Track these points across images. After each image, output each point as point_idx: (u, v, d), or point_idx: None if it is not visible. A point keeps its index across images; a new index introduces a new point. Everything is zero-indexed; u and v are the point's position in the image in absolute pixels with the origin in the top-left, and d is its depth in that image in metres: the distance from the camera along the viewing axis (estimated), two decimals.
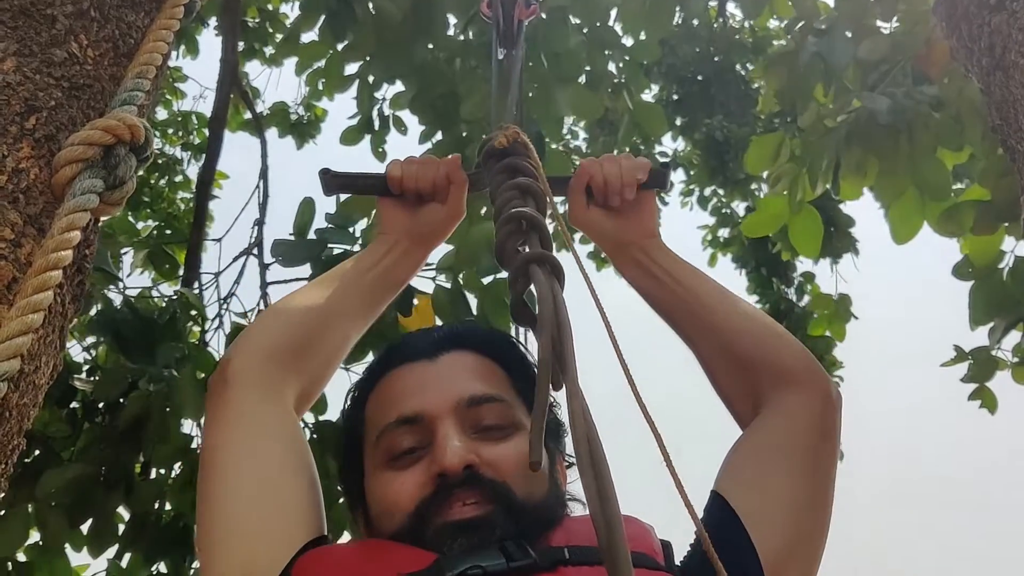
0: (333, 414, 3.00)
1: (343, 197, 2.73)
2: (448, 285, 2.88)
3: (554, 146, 5.67)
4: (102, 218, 1.33)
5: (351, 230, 2.78)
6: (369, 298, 1.39)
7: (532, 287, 0.94)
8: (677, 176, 8.22)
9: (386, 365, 1.24)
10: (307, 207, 2.76)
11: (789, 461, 1.20)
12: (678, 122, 8.05)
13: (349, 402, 1.29)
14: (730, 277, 8.51)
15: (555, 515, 1.12)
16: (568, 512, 1.17)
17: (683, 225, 8.81)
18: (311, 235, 2.74)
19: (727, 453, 1.27)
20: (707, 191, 8.46)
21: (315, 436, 2.96)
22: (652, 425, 0.81)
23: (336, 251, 2.72)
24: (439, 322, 2.91)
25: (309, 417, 3.00)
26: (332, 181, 1.50)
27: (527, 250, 1.01)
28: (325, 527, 1.20)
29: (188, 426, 3.03)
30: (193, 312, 3.12)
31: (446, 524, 1.05)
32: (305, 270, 2.73)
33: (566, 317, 0.84)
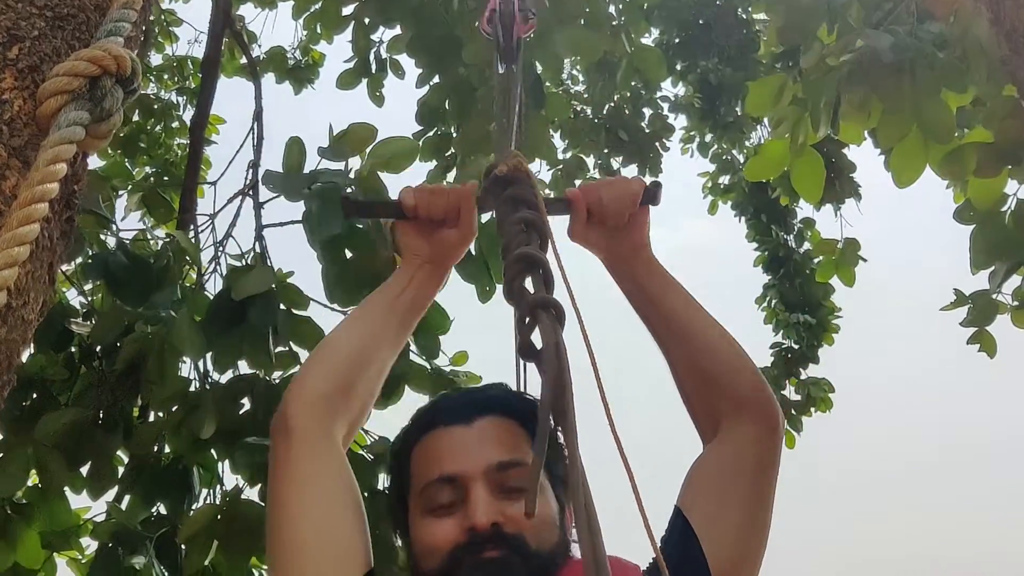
0: None
1: (336, 132, 2.73)
2: None
3: (554, 90, 5.61)
4: (90, 152, 1.30)
5: (345, 164, 2.74)
6: (401, 326, 1.54)
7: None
8: (678, 122, 8.14)
9: (430, 424, 1.42)
10: (295, 146, 2.73)
11: (737, 487, 1.40)
12: (679, 67, 7.95)
13: (397, 447, 1.47)
14: (730, 224, 8.49)
15: (561, 559, 1.33)
16: (571, 554, 1.37)
17: (684, 172, 8.75)
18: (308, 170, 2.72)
19: (690, 467, 1.46)
20: (707, 137, 8.39)
21: None
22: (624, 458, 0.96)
23: (328, 185, 2.69)
24: None
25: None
26: (351, 207, 1.70)
27: (531, 290, 1.19)
28: (372, 560, 1.39)
29: (186, 369, 3.04)
30: (188, 258, 3.09)
31: (475, 564, 1.27)
32: (299, 211, 2.70)
33: (568, 374, 1.02)
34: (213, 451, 3.03)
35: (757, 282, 8.35)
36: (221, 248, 3.20)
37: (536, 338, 1.14)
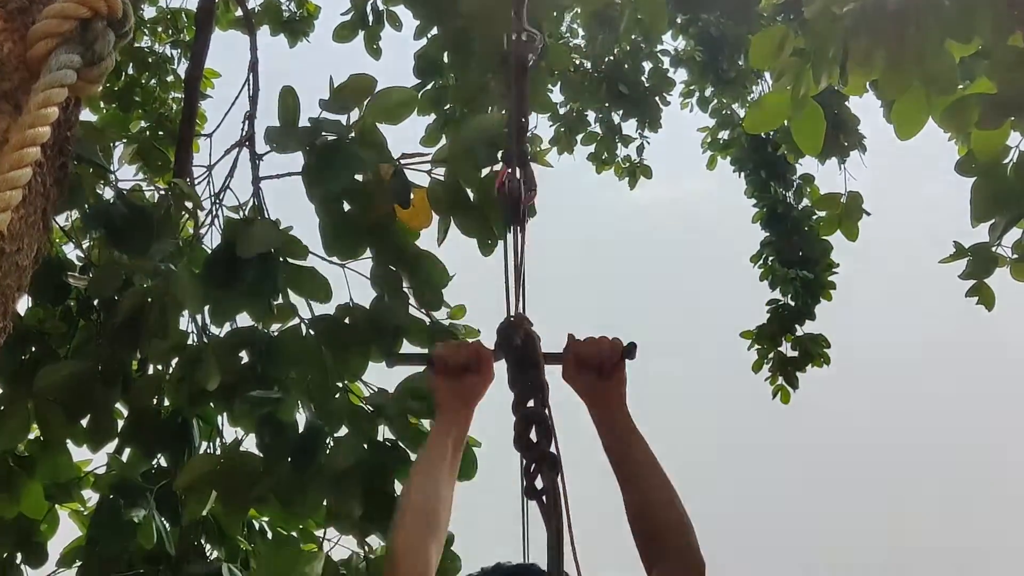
0: (329, 308, 3.01)
1: (336, 83, 2.71)
2: (444, 179, 2.85)
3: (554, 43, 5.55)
4: (82, 96, 1.28)
5: (347, 118, 2.72)
6: (452, 466, 1.88)
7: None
8: (678, 76, 8.06)
9: None
10: (288, 95, 2.70)
11: None
12: (679, 20, 7.85)
13: None
14: (729, 180, 8.43)
15: None
16: None
17: (683, 127, 8.66)
18: (305, 123, 2.70)
19: None
20: (707, 92, 8.31)
21: (311, 331, 2.96)
22: None
23: (330, 138, 2.67)
24: (436, 217, 2.89)
25: (305, 312, 3.01)
26: (394, 359, 2.43)
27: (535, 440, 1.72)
28: None
29: (183, 322, 3.03)
30: (188, 204, 3.07)
31: None
32: (297, 162, 2.69)
33: (563, 522, 1.55)
34: (212, 404, 3.04)
35: (755, 239, 8.33)
36: (218, 200, 3.18)
37: (538, 482, 1.64)
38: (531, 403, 1.80)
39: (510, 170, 2.11)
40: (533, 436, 1.73)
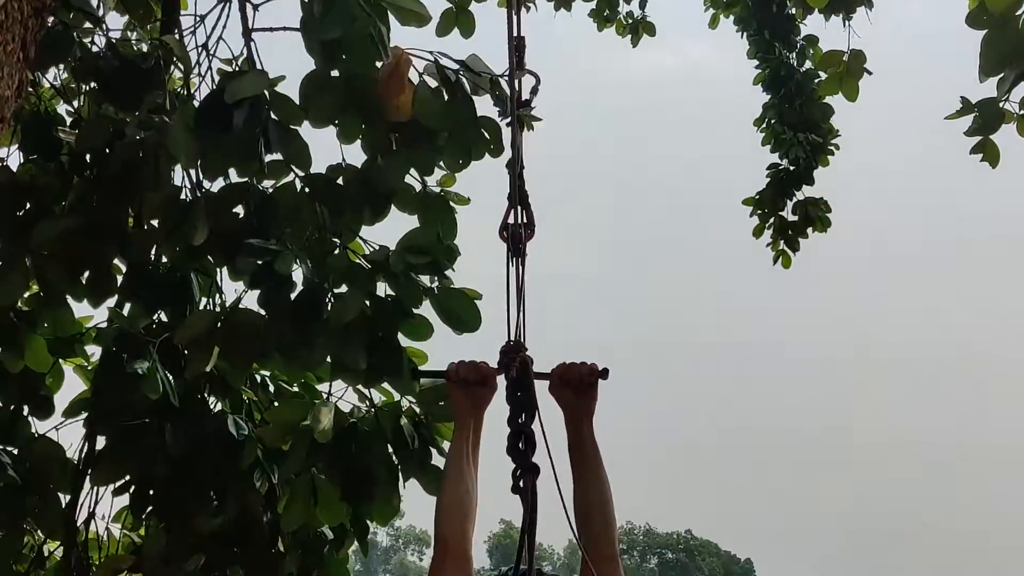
0: (319, 167, 2.99)
1: None
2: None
3: None
4: None
5: None
6: (473, 460, 2.29)
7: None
8: None
9: None
10: None
11: None
12: None
13: None
14: (732, 40, 8.20)
15: None
16: None
17: None
18: None
19: None
20: None
21: (307, 189, 2.94)
22: None
23: None
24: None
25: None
26: (417, 374, 2.86)
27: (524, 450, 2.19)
28: None
29: (177, 178, 2.99)
30: (176, 61, 2.98)
31: None
32: (294, 17, 2.60)
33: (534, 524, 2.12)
34: (210, 259, 3.04)
35: (754, 106, 8.18)
36: (208, 52, 3.09)
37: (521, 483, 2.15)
38: (522, 419, 2.21)
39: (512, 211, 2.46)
40: (521, 446, 2.19)
